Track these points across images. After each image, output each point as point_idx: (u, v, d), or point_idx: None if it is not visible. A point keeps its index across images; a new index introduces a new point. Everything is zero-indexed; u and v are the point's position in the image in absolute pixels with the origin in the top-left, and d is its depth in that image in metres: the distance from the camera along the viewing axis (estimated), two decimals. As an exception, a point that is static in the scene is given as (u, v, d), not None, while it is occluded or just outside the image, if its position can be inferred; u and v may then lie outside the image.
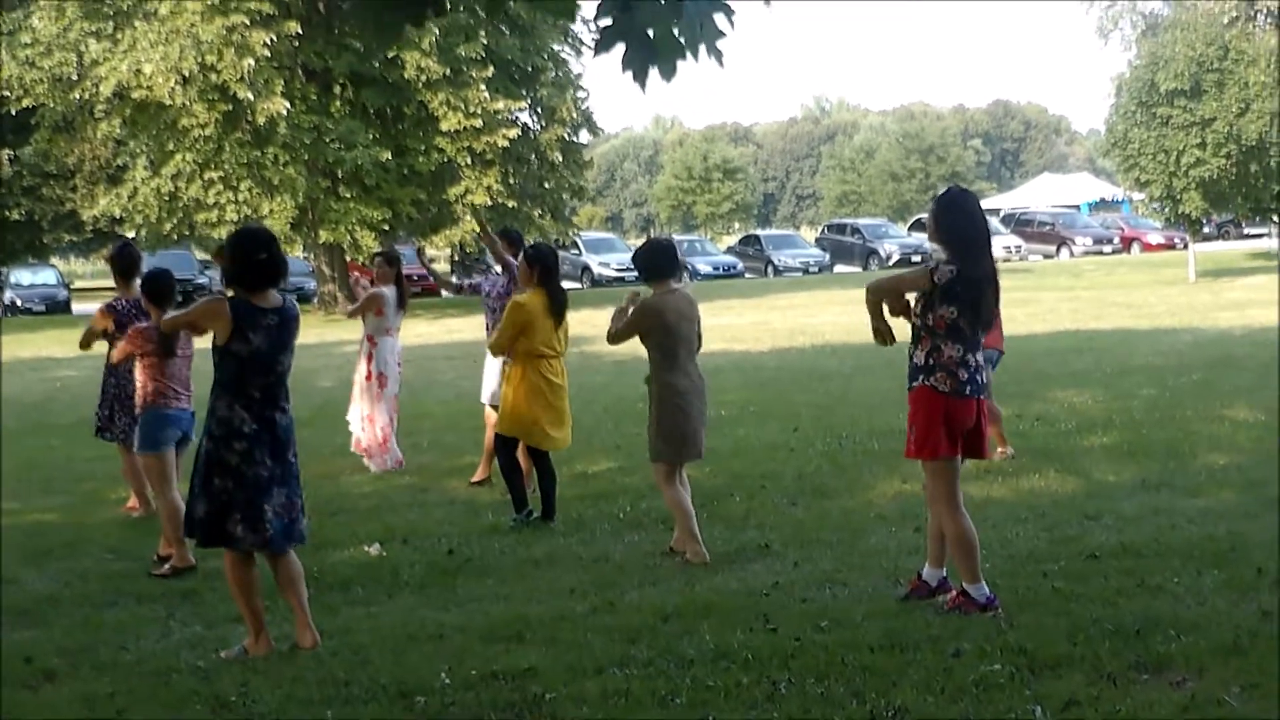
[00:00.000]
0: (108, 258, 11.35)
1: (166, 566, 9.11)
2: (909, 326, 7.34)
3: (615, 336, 9.07)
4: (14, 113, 41.67)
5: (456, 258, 52.67)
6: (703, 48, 4.48)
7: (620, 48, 4.46)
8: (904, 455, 7.56)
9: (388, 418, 12.72)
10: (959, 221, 7.21)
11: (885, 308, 7.31)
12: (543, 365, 9.94)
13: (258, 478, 6.90)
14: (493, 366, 11.69)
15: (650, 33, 4.41)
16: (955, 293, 7.07)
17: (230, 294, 6.95)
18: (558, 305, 10.02)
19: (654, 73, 4.50)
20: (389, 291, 12.66)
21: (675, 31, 4.40)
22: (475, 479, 11.86)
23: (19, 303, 48.75)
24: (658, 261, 9.09)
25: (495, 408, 11.49)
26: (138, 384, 9.41)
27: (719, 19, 4.49)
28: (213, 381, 6.98)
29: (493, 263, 11.80)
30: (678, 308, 8.94)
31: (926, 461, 7.28)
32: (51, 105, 38.98)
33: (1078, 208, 70.42)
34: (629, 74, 4.46)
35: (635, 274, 9.35)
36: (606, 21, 4.45)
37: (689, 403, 8.91)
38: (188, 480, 9.51)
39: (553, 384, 10.00)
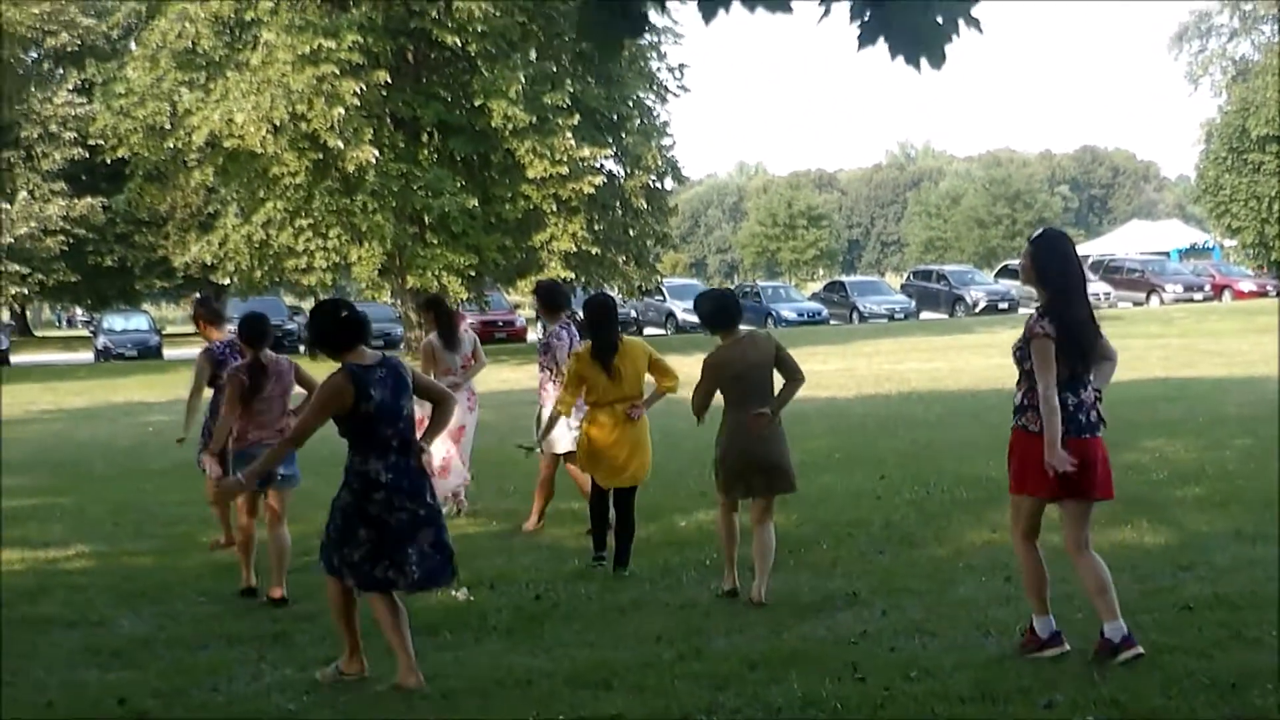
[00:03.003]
0: (193, 312, 11.71)
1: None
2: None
3: (699, 409, 9.14)
4: (108, 161, 42.63)
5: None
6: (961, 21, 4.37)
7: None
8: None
9: (445, 449, 12.73)
10: (1055, 263, 7.18)
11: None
12: (600, 413, 10.12)
13: (400, 523, 7.10)
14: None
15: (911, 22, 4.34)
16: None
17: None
18: (600, 354, 10.07)
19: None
20: (434, 338, 12.80)
21: (938, 19, 4.33)
22: (529, 526, 11.97)
23: (111, 348, 49.55)
24: (722, 313, 9.26)
25: (566, 457, 11.56)
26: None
27: None
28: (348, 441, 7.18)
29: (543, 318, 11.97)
30: (744, 356, 9.01)
31: (1013, 496, 7.32)
32: (145, 154, 39.81)
33: (1167, 254, 69.55)
34: (899, 59, 4.40)
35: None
36: (861, 19, 4.39)
37: (752, 442, 8.96)
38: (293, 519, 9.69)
39: (611, 429, 10.08)
